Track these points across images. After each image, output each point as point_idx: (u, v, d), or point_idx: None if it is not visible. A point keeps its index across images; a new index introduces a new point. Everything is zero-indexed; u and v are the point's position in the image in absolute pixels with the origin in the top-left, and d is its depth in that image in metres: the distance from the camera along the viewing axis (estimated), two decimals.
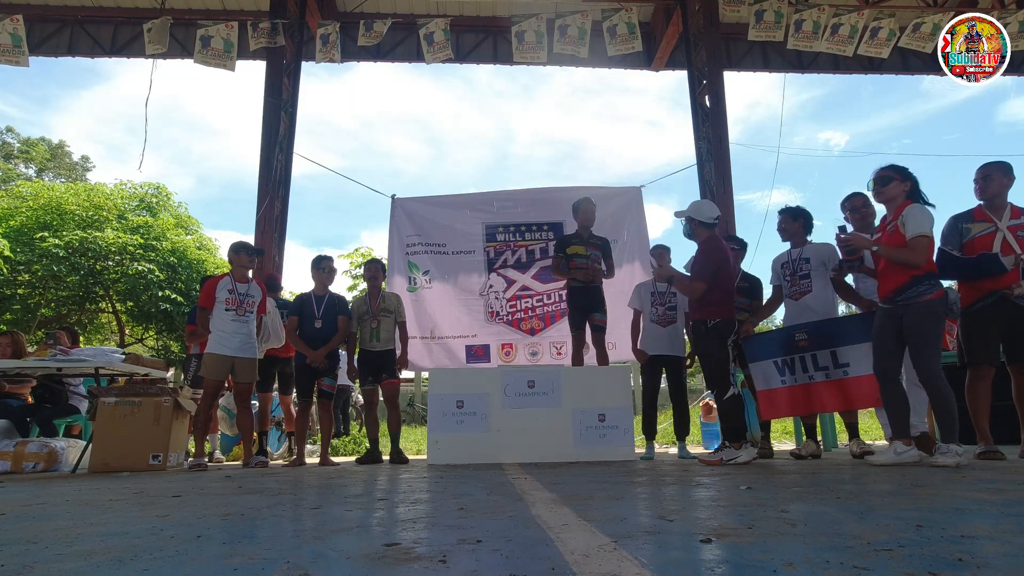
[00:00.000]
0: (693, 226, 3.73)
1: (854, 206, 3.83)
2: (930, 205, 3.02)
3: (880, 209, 3.34)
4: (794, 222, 4.06)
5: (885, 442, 4.50)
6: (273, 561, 1.07)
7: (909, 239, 2.89)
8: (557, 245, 5.01)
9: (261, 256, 4.60)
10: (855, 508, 1.58)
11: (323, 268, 4.82)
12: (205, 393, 4.40)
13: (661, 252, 4.74)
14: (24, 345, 5.03)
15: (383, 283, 5.14)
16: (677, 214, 3.83)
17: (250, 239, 5.91)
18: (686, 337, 4.58)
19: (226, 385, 4.63)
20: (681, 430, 4.66)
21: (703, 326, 3.63)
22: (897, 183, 3.05)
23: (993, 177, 3.36)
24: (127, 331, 15.31)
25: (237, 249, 4.52)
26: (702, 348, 3.69)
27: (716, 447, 4.77)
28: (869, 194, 3.23)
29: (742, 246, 4.62)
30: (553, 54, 7.09)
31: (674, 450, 5.90)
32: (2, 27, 6.60)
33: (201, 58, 6.80)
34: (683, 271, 4.07)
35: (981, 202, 3.45)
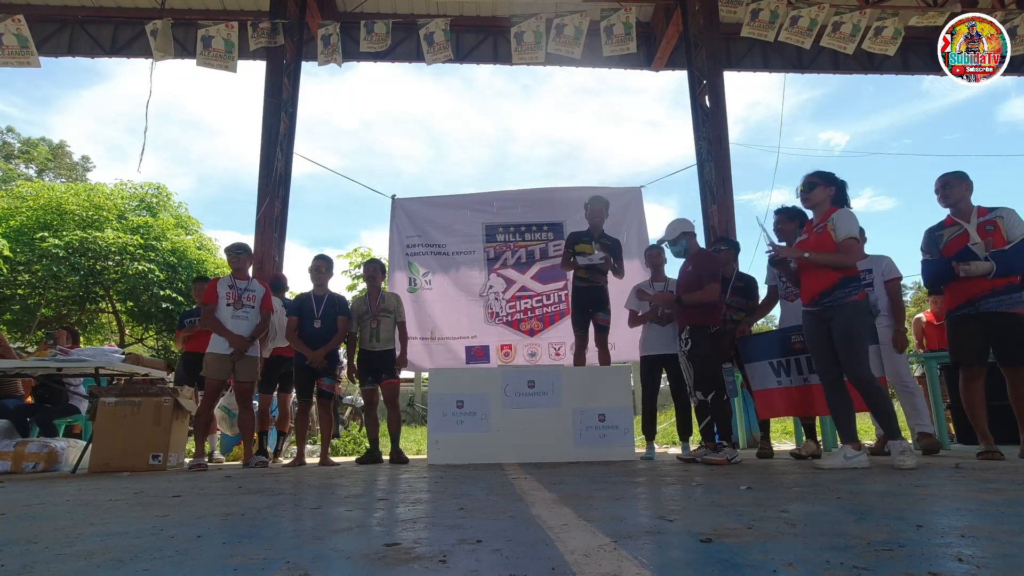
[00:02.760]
0: (690, 240, 3.98)
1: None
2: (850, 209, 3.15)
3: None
4: (790, 222, 4.06)
5: (869, 442, 4.51)
6: (273, 561, 1.07)
7: (840, 242, 3.00)
8: (568, 241, 5.00)
9: (248, 253, 4.63)
10: (855, 508, 1.58)
11: (312, 267, 4.82)
12: (206, 393, 4.40)
13: (657, 252, 4.75)
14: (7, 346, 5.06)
15: (383, 283, 5.14)
16: (668, 242, 4.06)
17: (250, 239, 5.90)
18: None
19: (227, 384, 4.63)
20: (684, 430, 4.65)
21: (706, 331, 3.71)
22: (821, 188, 3.19)
23: (952, 184, 3.54)
24: (127, 331, 15.32)
25: (227, 250, 4.62)
26: (701, 351, 3.71)
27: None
28: (798, 200, 3.35)
29: (734, 247, 4.63)
30: (548, 54, 7.09)
31: (674, 450, 5.90)
32: (6, 28, 6.58)
33: (203, 60, 6.80)
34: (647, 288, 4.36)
35: (947, 210, 3.60)
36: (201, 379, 4.89)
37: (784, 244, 3.34)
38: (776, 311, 4.44)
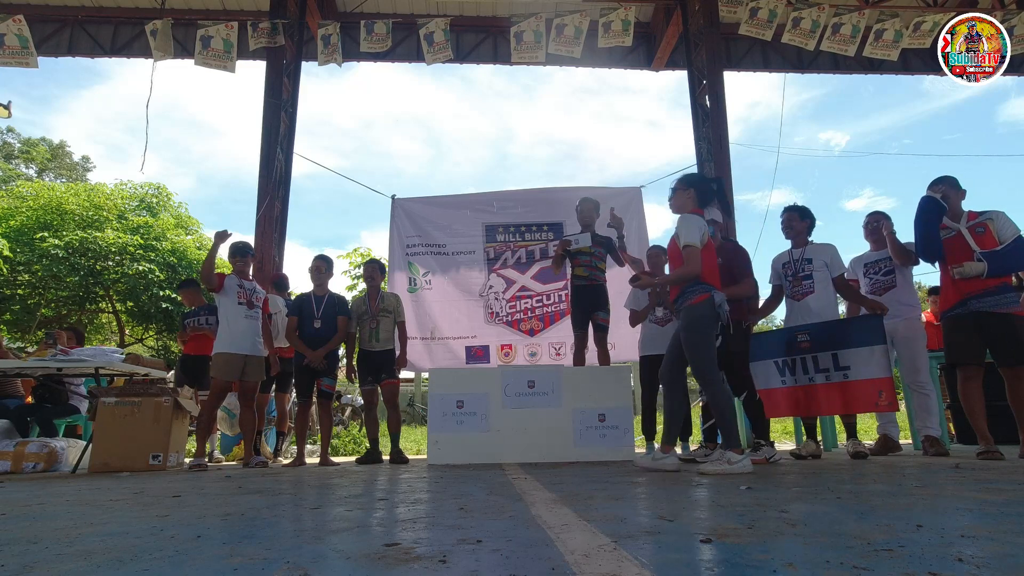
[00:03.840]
0: (717, 229, 3.86)
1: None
2: (698, 213, 3.11)
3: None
4: (802, 221, 4.07)
5: (870, 442, 4.52)
6: (273, 561, 1.07)
7: (681, 251, 2.98)
8: (561, 245, 5.01)
9: (253, 254, 4.63)
10: (855, 508, 1.58)
11: (312, 267, 4.82)
12: (212, 393, 4.39)
13: (657, 253, 4.76)
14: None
15: (383, 283, 5.14)
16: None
17: (250, 239, 5.90)
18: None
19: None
20: (684, 430, 4.65)
21: (738, 327, 3.66)
22: (679, 193, 3.18)
23: (950, 196, 3.60)
24: (127, 331, 15.32)
25: (236, 252, 4.56)
26: (735, 348, 3.66)
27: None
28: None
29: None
30: (548, 54, 7.10)
31: (675, 450, 5.89)
32: (7, 28, 6.59)
33: (202, 59, 6.80)
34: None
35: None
36: (198, 381, 4.90)
37: (651, 274, 3.36)
38: (780, 311, 4.45)
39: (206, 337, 5.03)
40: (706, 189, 3.16)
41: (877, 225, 4.29)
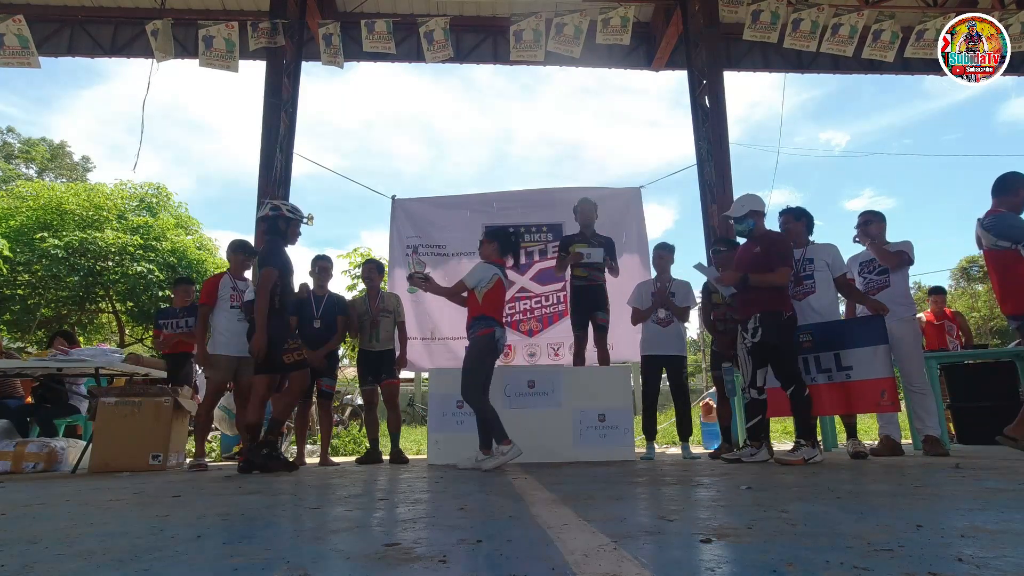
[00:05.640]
0: (757, 220, 3.68)
1: None
2: (499, 262, 3.83)
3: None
4: (797, 222, 4.06)
5: (871, 442, 4.51)
6: (273, 561, 1.07)
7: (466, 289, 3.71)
8: (560, 245, 5.03)
9: (254, 256, 4.63)
10: (855, 508, 1.58)
11: (314, 267, 4.83)
12: (208, 393, 4.40)
13: (660, 254, 4.76)
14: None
15: (383, 283, 5.14)
16: (733, 219, 3.77)
17: (250, 239, 5.89)
18: (705, 335, 4.58)
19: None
20: (684, 430, 4.65)
21: (778, 318, 3.46)
22: (485, 244, 3.89)
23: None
24: (127, 331, 15.31)
25: (235, 248, 4.56)
26: (774, 340, 3.46)
27: (716, 447, 4.77)
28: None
29: (732, 247, 4.63)
30: (548, 52, 7.09)
31: (674, 450, 5.90)
32: (7, 28, 6.58)
33: (205, 60, 6.80)
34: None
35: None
36: (181, 380, 4.89)
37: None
38: None
39: (181, 342, 5.03)
40: (507, 241, 3.86)
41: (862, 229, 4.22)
